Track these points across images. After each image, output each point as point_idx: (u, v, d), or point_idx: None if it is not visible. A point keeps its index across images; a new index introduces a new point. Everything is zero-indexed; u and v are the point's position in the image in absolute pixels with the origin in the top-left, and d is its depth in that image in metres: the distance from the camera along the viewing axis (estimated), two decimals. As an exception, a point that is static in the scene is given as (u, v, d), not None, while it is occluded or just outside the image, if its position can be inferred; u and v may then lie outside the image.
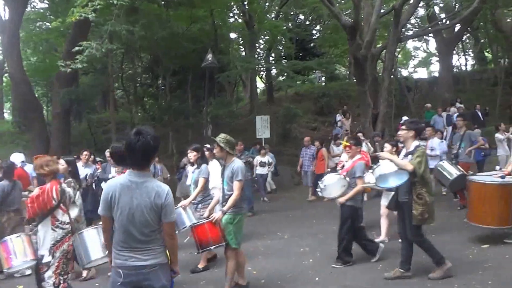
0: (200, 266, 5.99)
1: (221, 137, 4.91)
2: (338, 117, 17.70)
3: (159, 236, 3.00)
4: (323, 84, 27.86)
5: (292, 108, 18.78)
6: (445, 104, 18.40)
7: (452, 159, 8.02)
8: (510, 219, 5.91)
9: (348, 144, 6.00)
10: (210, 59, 14.87)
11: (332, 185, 5.65)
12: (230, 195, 4.78)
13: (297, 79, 19.81)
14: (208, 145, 7.08)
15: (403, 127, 5.14)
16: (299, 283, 5.20)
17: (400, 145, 6.23)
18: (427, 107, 17.94)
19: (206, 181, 5.96)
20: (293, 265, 5.92)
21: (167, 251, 3.07)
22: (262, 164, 11.89)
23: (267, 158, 12.23)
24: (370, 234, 6.91)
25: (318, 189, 5.87)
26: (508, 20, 23.17)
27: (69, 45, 14.03)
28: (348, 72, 30.50)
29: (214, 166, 6.42)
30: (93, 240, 4.25)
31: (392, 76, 18.18)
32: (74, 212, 4.57)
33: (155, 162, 12.03)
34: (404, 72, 34.95)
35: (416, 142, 5.01)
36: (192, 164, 6.35)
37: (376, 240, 6.45)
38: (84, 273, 5.75)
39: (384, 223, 6.66)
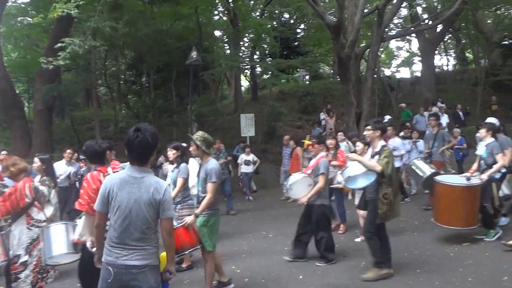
0: (184, 265, 5.96)
1: (198, 134, 4.82)
2: (322, 115, 17.80)
3: (154, 236, 3.01)
4: (308, 82, 27.99)
5: (276, 107, 18.83)
6: (427, 103, 18.67)
7: (426, 158, 8.14)
8: (476, 220, 6.10)
9: (310, 142, 5.99)
10: (194, 56, 14.80)
11: (298, 185, 5.70)
12: (204, 197, 4.66)
13: (282, 77, 19.80)
14: (185, 144, 6.88)
15: (369, 127, 5.21)
16: (283, 282, 5.24)
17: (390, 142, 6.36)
18: (402, 107, 18.17)
19: (185, 181, 5.79)
20: (277, 264, 5.95)
21: (165, 250, 3.09)
22: (247, 163, 11.92)
23: (252, 157, 12.27)
24: (354, 233, 7.03)
25: (284, 190, 5.90)
26: (489, 21, 23.62)
27: (51, 41, 13.86)
28: (332, 71, 30.70)
29: (193, 165, 6.33)
30: (59, 236, 4.17)
31: (375, 76, 18.33)
32: (49, 211, 4.51)
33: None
34: (387, 72, 35.30)
35: (382, 142, 5.10)
36: (172, 163, 6.18)
37: (357, 240, 6.57)
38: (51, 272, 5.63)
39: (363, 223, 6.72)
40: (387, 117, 15.87)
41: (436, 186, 6.38)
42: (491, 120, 6.68)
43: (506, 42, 23.17)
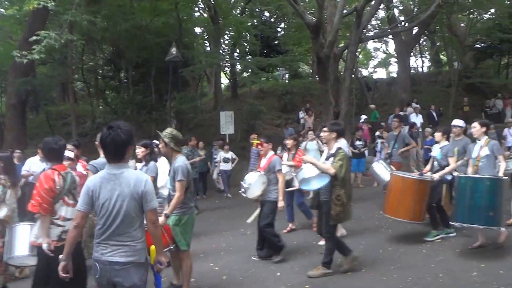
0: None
1: (167, 131, 4.72)
2: (301, 114, 17.97)
3: (139, 232, 3.03)
4: (287, 81, 28.15)
5: (256, 105, 18.91)
6: (403, 104, 19.06)
7: (386, 159, 8.26)
8: (423, 215, 6.22)
9: (259, 142, 6.05)
10: (174, 53, 14.76)
11: (254, 184, 5.77)
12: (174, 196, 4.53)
13: (262, 75, 19.88)
14: (157, 141, 6.65)
15: (325, 129, 5.29)
16: (260, 279, 5.30)
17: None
18: (371, 108, 18.45)
19: (154, 179, 5.50)
20: (255, 261, 6.03)
21: (153, 241, 3.12)
22: (226, 160, 11.98)
23: (231, 154, 12.33)
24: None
25: (241, 190, 5.89)
26: (462, 24, 24.26)
27: (26, 34, 13.57)
28: (311, 71, 30.93)
29: (163, 164, 6.17)
30: (23, 236, 4.07)
31: (353, 76, 18.63)
32: (2, 211, 4.38)
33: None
34: (365, 72, 35.82)
35: (338, 144, 5.13)
36: (140, 161, 5.92)
37: (320, 243, 6.39)
38: (17, 273, 5.50)
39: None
40: (363, 117, 16.18)
41: (390, 178, 6.57)
42: (457, 122, 6.75)
43: (478, 46, 23.87)
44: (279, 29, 27.64)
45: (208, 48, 23.96)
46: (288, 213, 7.51)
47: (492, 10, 21.92)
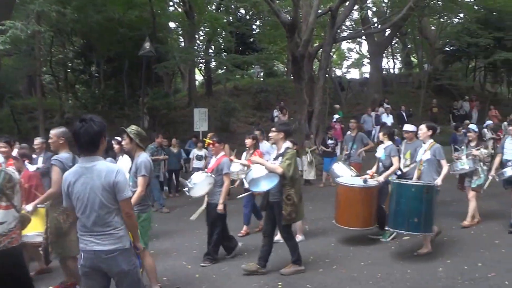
0: None
1: (132, 128, 4.72)
2: (275, 112, 18.02)
3: (118, 219, 3.07)
4: (262, 79, 28.21)
5: (230, 102, 18.88)
6: (375, 104, 19.42)
7: (345, 160, 8.33)
8: (373, 220, 6.29)
9: (211, 141, 5.97)
10: (147, 47, 14.55)
11: (199, 184, 5.71)
12: (135, 192, 4.44)
13: (236, 73, 19.90)
14: (118, 138, 6.55)
15: (273, 129, 5.26)
16: (233, 276, 5.32)
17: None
18: (336, 108, 18.69)
19: None
20: (228, 259, 6.05)
21: (128, 230, 3.17)
22: (199, 158, 11.90)
23: (204, 152, 12.25)
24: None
25: (185, 189, 5.81)
26: (433, 28, 24.88)
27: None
28: (286, 69, 31.09)
29: (124, 162, 6.11)
30: None
31: (327, 75, 18.84)
32: None
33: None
34: (338, 72, 36.27)
35: (287, 144, 5.15)
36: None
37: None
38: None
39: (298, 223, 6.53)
40: (336, 116, 16.39)
41: (337, 188, 6.56)
42: (408, 127, 6.85)
43: (447, 49, 24.51)
44: (254, 27, 27.63)
45: (183, 44, 23.75)
46: (245, 215, 7.37)
47: (461, 15, 22.58)
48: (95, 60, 18.47)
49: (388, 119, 16.70)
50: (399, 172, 6.36)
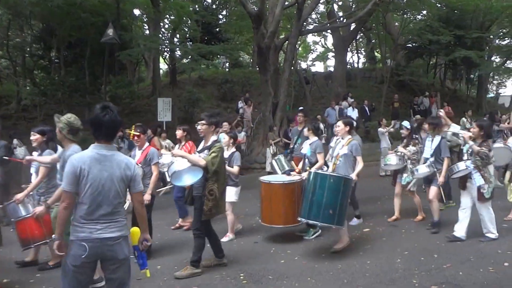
0: (51, 263, 5.30)
1: (64, 117, 4.40)
2: (240, 104, 18.02)
3: (122, 209, 3.19)
4: (227, 70, 28.06)
5: (195, 92, 18.68)
6: (338, 97, 19.73)
7: (288, 153, 8.04)
8: (296, 217, 5.95)
9: (136, 133, 5.70)
10: (110, 34, 14.17)
11: None
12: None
13: (202, 63, 19.62)
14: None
15: (203, 121, 5.03)
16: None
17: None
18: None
19: (50, 170, 5.02)
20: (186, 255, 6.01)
21: (138, 221, 3.35)
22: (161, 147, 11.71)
23: (168, 142, 12.10)
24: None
25: None
26: (396, 24, 25.45)
27: None
28: (251, 60, 31.05)
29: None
30: None
31: (292, 68, 18.95)
32: None
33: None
34: (303, 65, 36.60)
35: (215, 137, 5.05)
36: (36, 149, 5.44)
37: (224, 239, 6.30)
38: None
39: (230, 220, 6.51)
40: (300, 108, 16.52)
41: (260, 186, 6.39)
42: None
43: (410, 45, 25.19)
44: (220, 17, 27.36)
45: (147, 32, 23.25)
46: (181, 207, 7.18)
47: (424, 12, 23.23)
48: (55, 45, 17.75)
49: (354, 113, 17.02)
50: (325, 168, 6.24)
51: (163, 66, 27.94)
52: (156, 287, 4.64)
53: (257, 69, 18.37)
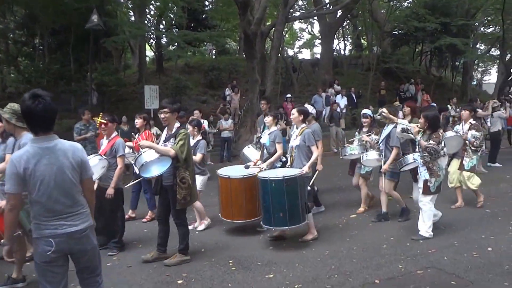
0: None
1: (7, 106, 4.14)
2: (227, 91, 17.98)
3: (82, 198, 3.02)
4: (214, 57, 27.87)
5: (182, 80, 18.55)
6: (325, 85, 19.79)
7: (256, 142, 7.83)
8: (258, 210, 5.95)
9: (104, 121, 5.44)
10: (95, 20, 13.95)
11: (94, 168, 4.99)
12: None
13: (188, 50, 19.46)
14: None
15: (166, 109, 4.82)
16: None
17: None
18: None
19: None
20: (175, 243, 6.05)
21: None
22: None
23: (155, 130, 12.02)
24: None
25: None
26: (383, 11, 25.51)
27: None
28: (238, 47, 30.87)
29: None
30: None
31: (279, 55, 18.92)
32: None
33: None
34: (290, 52, 36.51)
35: (178, 124, 4.93)
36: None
37: (200, 228, 6.36)
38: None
39: (199, 208, 6.49)
40: (288, 96, 16.60)
41: (219, 180, 6.17)
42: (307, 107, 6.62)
43: (396, 32, 25.27)
44: (206, 3, 27.00)
45: (133, 18, 22.90)
46: (149, 199, 7.08)
47: (410, -1, 23.33)
48: (38, 32, 17.43)
49: (342, 101, 17.11)
50: (284, 159, 6.18)
51: (150, 53, 27.63)
52: (146, 275, 4.68)
53: (244, 56, 18.29)
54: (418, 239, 5.46)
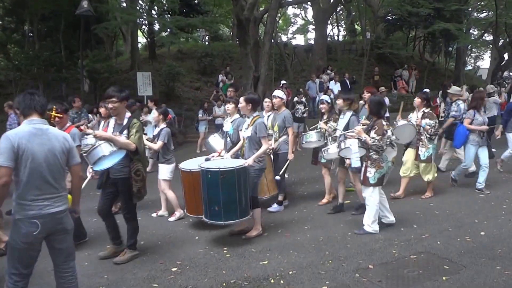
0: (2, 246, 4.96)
1: None
2: (221, 77, 17.86)
3: (64, 182, 3.23)
4: (207, 43, 27.63)
5: (175, 66, 18.40)
6: (319, 71, 19.71)
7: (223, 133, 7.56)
8: None
9: (59, 115, 4.81)
10: (85, 6, 13.70)
11: None
12: None
13: (181, 36, 19.25)
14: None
15: (114, 99, 4.47)
16: (179, 243, 5.35)
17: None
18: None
19: None
20: (172, 225, 6.06)
21: (72, 192, 3.39)
22: (144, 124, 11.59)
23: (150, 117, 11.96)
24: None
25: None
26: (377, -4, 25.32)
27: None
28: (231, 33, 30.62)
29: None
30: None
31: (272, 41, 18.77)
32: None
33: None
34: (284, 38, 36.29)
35: (128, 113, 4.68)
36: None
37: (154, 215, 6.34)
38: None
39: (164, 199, 6.51)
40: (283, 82, 16.52)
41: (180, 175, 5.81)
42: (278, 92, 6.44)
43: (389, 18, 25.14)
44: (199, -12, 26.72)
45: (124, 4, 22.57)
46: None
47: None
48: (28, 18, 17.14)
49: (336, 87, 17.06)
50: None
51: (142, 39, 27.34)
52: (140, 263, 4.67)
53: (237, 42, 18.13)
54: (360, 234, 5.20)
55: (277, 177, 6.01)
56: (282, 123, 6.28)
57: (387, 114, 6.86)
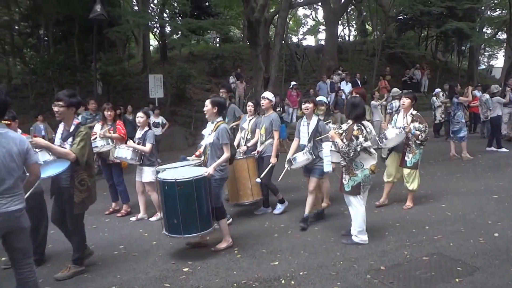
0: None
1: None
2: (232, 79, 17.92)
3: (21, 183, 3.36)
4: (218, 45, 27.73)
5: (186, 68, 18.51)
6: (330, 71, 19.66)
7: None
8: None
9: (6, 122, 4.38)
10: (98, 10, 13.85)
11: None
12: None
13: (192, 38, 19.36)
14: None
15: (60, 102, 4.19)
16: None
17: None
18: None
19: None
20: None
21: (25, 188, 3.45)
22: (156, 125, 11.72)
23: (161, 119, 12.10)
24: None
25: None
26: (388, -4, 25.17)
27: None
28: (242, 35, 30.69)
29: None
30: None
31: (283, 42, 18.78)
32: None
33: (39, 121, 11.12)
34: (294, 39, 36.25)
35: (77, 120, 4.35)
36: None
37: (133, 219, 6.35)
38: None
39: (142, 202, 6.47)
40: (293, 83, 16.53)
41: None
42: (267, 94, 6.34)
43: (401, 17, 24.99)
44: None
45: (136, 8, 22.78)
46: (122, 192, 6.85)
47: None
48: (43, 23, 17.41)
49: (347, 87, 17.00)
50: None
51: (154, 42, 27.54)
52: (152, 263, 4.71)
53: (248, 44, 18.17)
54: (348, 243, 4.97)
55: (258, 180, 5.94)
56: (269, 126, 6.17)
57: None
